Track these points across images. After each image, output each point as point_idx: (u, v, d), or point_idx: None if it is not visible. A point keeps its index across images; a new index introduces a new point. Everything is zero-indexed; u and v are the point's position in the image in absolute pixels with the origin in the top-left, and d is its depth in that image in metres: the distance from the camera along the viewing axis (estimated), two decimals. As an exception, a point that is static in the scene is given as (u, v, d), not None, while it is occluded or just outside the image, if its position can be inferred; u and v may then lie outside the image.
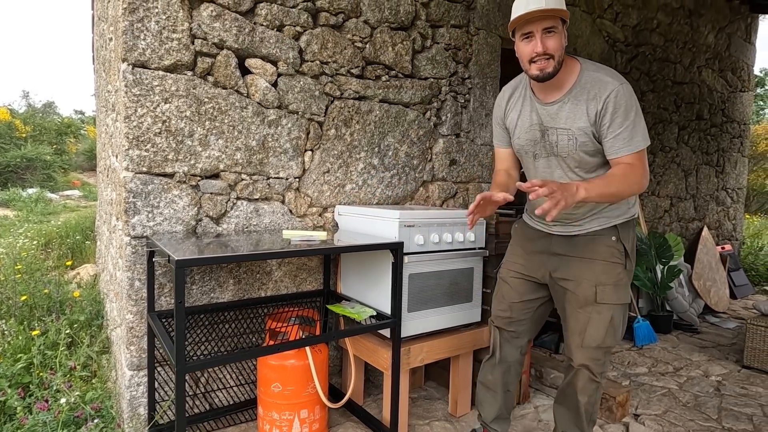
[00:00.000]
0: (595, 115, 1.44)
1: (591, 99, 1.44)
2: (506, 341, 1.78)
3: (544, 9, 1.36)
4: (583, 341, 1.57)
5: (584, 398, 1.61)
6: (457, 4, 2.62)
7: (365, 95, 2.31)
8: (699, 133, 4.65)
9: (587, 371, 1.59)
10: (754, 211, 9.78)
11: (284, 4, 2.03)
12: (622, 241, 1.58)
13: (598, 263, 1.57)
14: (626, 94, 1.42)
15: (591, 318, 1.56)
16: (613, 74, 1.47)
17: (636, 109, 1.44)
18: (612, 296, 1.55)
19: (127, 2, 1.68)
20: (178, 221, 1.84)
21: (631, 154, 1.42)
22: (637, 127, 1.43)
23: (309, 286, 2.20)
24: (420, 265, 1.88)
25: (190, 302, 1.88)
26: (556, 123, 1.51)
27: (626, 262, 1.59)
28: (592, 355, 1.57)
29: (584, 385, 1.60)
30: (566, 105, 1.48)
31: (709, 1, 4.53)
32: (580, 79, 1.46)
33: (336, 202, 2.26)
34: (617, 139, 1.42)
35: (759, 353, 2.81)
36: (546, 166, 1.60)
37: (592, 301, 1.56)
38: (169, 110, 1.79)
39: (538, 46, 1.39)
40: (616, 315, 1.57)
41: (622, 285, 1.58)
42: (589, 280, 1.57)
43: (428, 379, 2.52)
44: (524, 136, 1.60)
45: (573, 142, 1.49)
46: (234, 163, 1.95)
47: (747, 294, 4.92)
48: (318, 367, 1.82)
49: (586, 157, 1.50)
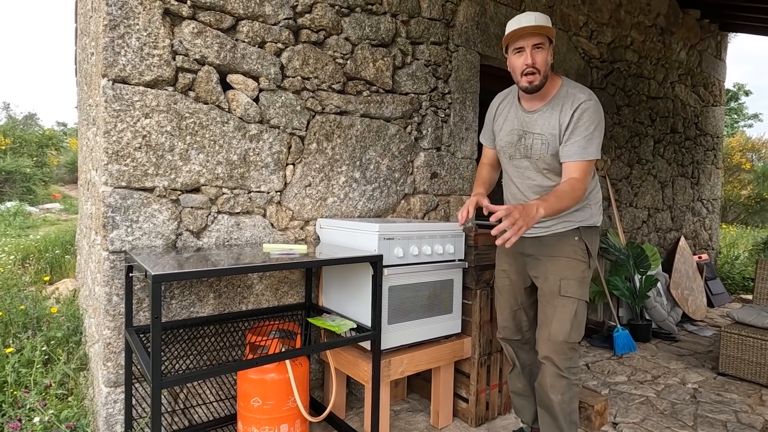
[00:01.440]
0: (563, 123, 1.64)
1: (563, 110, 1.65)
2: (519, 349, 1.94)
3: (534, 26, 1.59)
4: (549, 334, 1.71)
5: (556, 396, 1.70)
6: (437, 22, 2.69)
7: (346, 110, 2.35)
8: (674, 146, 4.79)
9: (552, 365, 1.70)
10: (731, 221, 10.06)
11: (266, 21, 2.07)
12: (584, 241, 1.75)
13: (563, 260, 1.73)
14: (592, 110, 1.62)
15: (556, 310, 1.71)
16: (586, 91, 1.67)
17: (598, 124, 1.62)
18: (576, 291, 1.71)
19: (108, 19, 1.70)
20: (158, 235, 1.84)
21: (580, 161, 1.60)
22: (593, 140, 1.61)
23: (290, 300, 2.21)
24: (400, 277, 1.90)
25: (169, 317, 1.87)
26: (533, 129, 1.72)
27: (589, 260, 1.76)
28: (556, 348, 1.69)
29: (552, 381, 1.70)
30: (545, 114, 1.69)
31: (681, 20, 4.71)
32: (559, 93, 1.68)
33: (318, 215, 2.28)
34: (573, 145, 1.61)
35: (733, 360, 2.88)
36: (519, 167, 1.79)
37: (556, 294, 1.72)
38: (150, 125, 1.80)
39: (528, 58, 1.61)
40: (580, 310, 1.71)
41: (585, 282, 1.74)
42: (554, 274, 1.73)
43: (411, 391, 2.53)
44: (505, 138, 1.81)
45: (545, 146, 1.69)
46: (215, 177, 1.96)
47: (724, 302, 5.04)
48: (298, 380, 1.82)
49: (555, 161, 1.69)
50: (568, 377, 1.70)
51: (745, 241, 7.57)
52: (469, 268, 2.14)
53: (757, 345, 2.78)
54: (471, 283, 2.14)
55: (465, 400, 2.21)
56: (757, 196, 10.13)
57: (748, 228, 9.32)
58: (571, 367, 1.71)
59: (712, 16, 5.01)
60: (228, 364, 1.51)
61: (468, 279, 2.15)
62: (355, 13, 2.36)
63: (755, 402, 2.56)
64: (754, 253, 6.70)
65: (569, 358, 1.69)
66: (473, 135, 2.92)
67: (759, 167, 10.84)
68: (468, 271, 2.15)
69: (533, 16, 1.62)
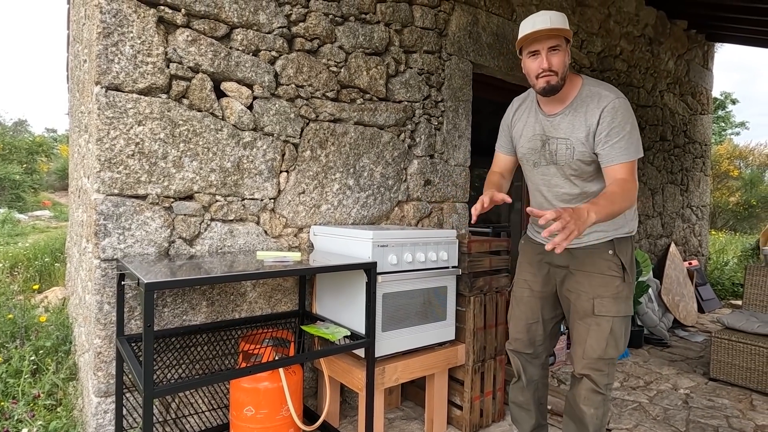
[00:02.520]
0: (592, 125, 1.53)
1: (589, 111, 1.54)
2: (527, 362, 1.84)
3: (550, 29, 1.47)
4: (584, 352, 1.63)
5: (589, 409, 1.64)
6: (430, 31, 2.72)
7: (340, 118, 2.36)
8: (663, 154, 4.86)
9: (589, 381, 1.63)
10: (720, 227, 10.19)
11: (260, 29, 2.08)
12: (619, 255, 1.64)
13: (596, 276, 1.63)
14: (622, 107, 1.51)
15: (590, 329, 1.63)
16: (611, 89, 1.56)
17: (632, 122, 1.52)
18: (611, 308, 1.61)
19: (101, 26, 1.70)
20: (150, 243, 1.82)
21: (625, 163, 1.49)
22: (632, 139, 1.50)
23: (284, 307, 2.20)
24: (394, 284, 1.90)
25: (162, 325, 1.86)
26: (557, 133, 1.61)
27: (624, 275, 1.63)
28: (593, 365, 1.62)
29: (587, 394, 1.64)
30: (567, 117, 1.59)
31: (668, 30, 4.80)
32: (581, 93, 1.57)
33: (311, 222, 2.28)
34: (613, 148, 1.50)
35: (724, 365, 2.91)
36: (545, 174, 1.69)
37: (590, 313, 1.63)
38: (143, 132, 1.79)
39: (544, 62, 1.51)
40: (617, 327, 1.61)
41: (622, 297, 1.62)
42: (587, 292, 1.63)
43: (405, 399, 2.52)
44: (527, 144, 1.71)
45: (571, 151, 1.59)
46: (208, 184, 1.96)
47: (714, 308, 5.09)
48: (292, 389, 1.81)
49: (583, 166, 1.59)
50: (605, 393, 1.64)
51: (734, 247, 7.66)
52: (463, 274, 2.14)
53: (747, 350, 2.81)
54: (465, 290, 2.15)
55: (459, 407, 2.20)
56: (745, 202, 10.28)
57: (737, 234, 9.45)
58: (608, 384, 1.64)
59: (699, 27, 5.11)
60: (220, 372, 1.50)
61: (462, 286, 2.16)
62: (349, 22, 2.38)
63: (746, 407, 2.58)
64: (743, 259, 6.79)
65: (607, 374, 1.62)
66: (466, 142, 2.94)
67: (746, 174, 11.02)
68: (461, 277, 2.15)
69: (548, 16, 1.49)
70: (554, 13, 1.51)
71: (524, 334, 1.82)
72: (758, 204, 10.19)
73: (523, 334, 1.82)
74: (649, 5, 4.50)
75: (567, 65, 1.54)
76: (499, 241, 2.29)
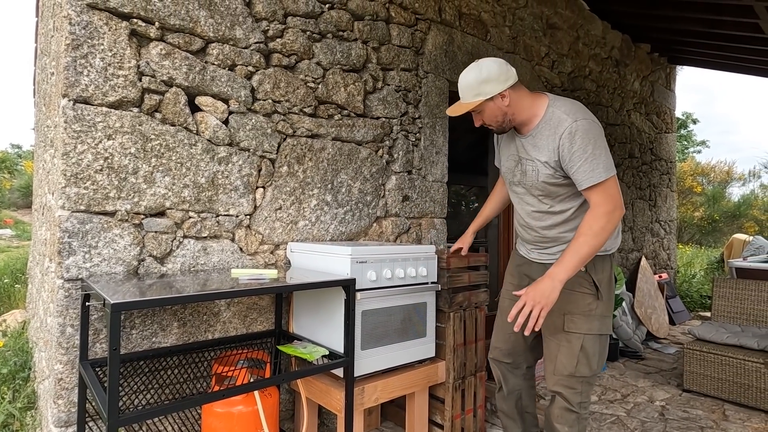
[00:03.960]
0: (553, 150, 1.53)
1: (550, 135, 1.55)
2: (508, 372, 1.86)
3: (457, 111, 1.62)
4: (555, 369, 1.63)
5: (563, 428, 1.62)
6: (406, 50, 2.76)
7: (318, 133, 2.35)
8: (632, 170, 5.03)
9: (561, 399, 1.62)
10: (686, 241, 10.57)
11: (236, 44, 2.06)
12: (591, 273, 1.61)
13: (566, 292, 1.59)
14: (581, 130, 1.48)
15: (561, 346, 1.62)
16: (571, 111, 1.53)
17: (595, 142, 1.48)
18: (581, 326, 1.59)
19: (70, 38, 1.65)
20: (119, 262, 1.75)
21: (595, 185, 1.47)
22: (598, 159, 1.46)
23: (260, 327, 2.13)
24: (373, 301, 1.87)
25: (129, 348, 1.77)
26: (526, 154, 1.65)
27: (597, 293, 1.61)
28: (564, 382, 1.61)
29: (560, 413, 1.62)
30: (534, 139, 1.61)
31: (633, 53, 5.03)
32: (545, 116, 1.58)
33: (288, 239, 2.23)
34: (579, 173, 1.49)
35: (697, 376, 2.97)
36: (518, 192, 1.73)
37: (560, 329, 1.63)
38: (113, 147, 1.73)
39: (476, 122, 1.66)
40: (588, 345, 1.59)
41: (596, 315, 1.60)
42: (559, 308, 1.62)
43: (385, 419, 2.46)
44: (506, 163, 1.77)
45: (535, 172, 1.61)
46: (181, 200, 1.90)
47: (684, 320, 5.23)
48: (268, 412, 1.74)
49: (549, 187, 1.60)
50: (578, 412, 1.61)
51: (701, 261, 7.94)
52: (442, 290, 2.13)
53: (718, 361, 2.88)
54: (444, 306, 2.13)
55: (440, 426, 2.16)
56: (708, 217, 10.71)
57: (702, 248, 9.81)
58: (583, 402, 1.62)
59: (661, 50, 5.37)
60: (191, 397, 1.43)
61: (441, 302, 2.15)
62: (327, 39, 2.39)
63: (719, 417, 2.63)
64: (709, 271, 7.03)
65: (580, 392, 1.60)
66: (443, 159, 2.97)
67: (709, 190, 11.52)
68: (441, 293, 2.14)
69: (461, 90, 1.61)
70: (466, 81, 1.58)
71: (504, 343, 1.83)
72: (721, 219, 10.63)
73: (503, 344, 1.84)
74: (615, 29, 4.71)
75: (502, 113, 1.59)
76: (477, 257, 2.29)
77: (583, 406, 1.62)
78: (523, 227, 1.78)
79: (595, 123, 1.52)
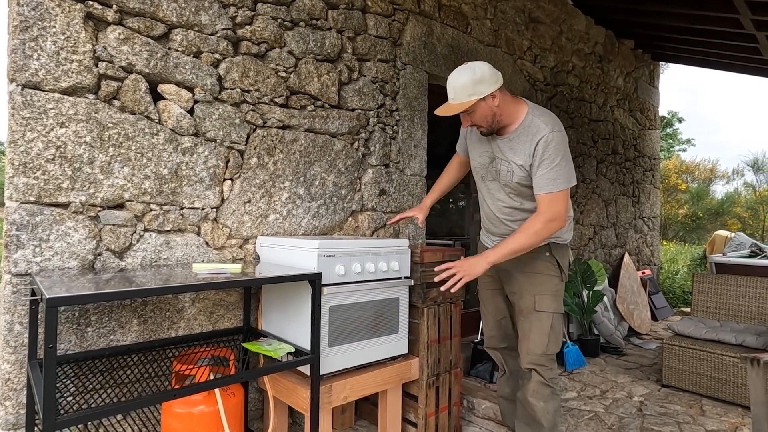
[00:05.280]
0: (528, 155, 1.67)
1: (527, 141, 1.68)
2: (507, 355, 2.02)
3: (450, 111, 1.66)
4: (529, 348, 1.78)
5: (538, 402, 1.75)
6: (384, 40, 2.70)
7: (290, 124, 2.28)
8: (615, 166, 5.03)
9: (537, 374, 1.76)
10: (671, 238, 10.67)
11: (202, 30, 1.98)
12: (555, 256, 1.82)
13: (536, 276, 1.80)
14: (555, 141, 1.63)
15: (533, 325, 1.78)
16: (549, 121, 1.68)
17: (563, 155, 1.64)
18: (550, 305, 1.78)
19: (18, 19, 1.56)
20: (72, 256, 1.66)
21: (549, 193, 1.64)
22: (561, 171, 1.63)
23: (227, 324, 2.06)
24: (342, 296, 1.81)
25: (85, 346, 1.69)
26: (502, 155, 1.76)
27: (561, 274, 1.83)
28: (538, 360, 1.77)
29: (535, 387, 1.76)
30: (511, 142, 1.73)
31: (617, 49, 5.02)
32: (524, 122, 1.70)
33: (258, 233, 2.16)
34: (541, 179, 1.65)
35: (675, 372, 2.96)
36: (490, 188, 1.85)
37: (532, 309, 1.79)
38: (66, 135, 1.65)
39: (464, 122, 1.73)
40: (555, 323, 1.78)
41: (559, 296, 1.81)
42: (529, 291, 1.81)
43: (360, 418, 2.40)
44: (477, 159, 1.87)
45: (510, 174, 1.74)
46: (141, 192, 1.82)
47: (666, 316, 5.25)
48: (231, 412, 1.67)
49: (520, 187, 1.74)
50: (552, 386, 1.77)
51: (684, 257, 8.01)
52: (416, 285, 2.08)
53: (696, 356, 2.87)
54: (418, 301, 2.08)
55: (414, 424, 2.11)
56: (692, 214, 10.83)
57: (686, 245, 9.91)
58: (553, 378, 1.78)
59: (645, 47, 5.38)
60: (142, 397, 1.36)
61: (414, 297, 2.09)
62: (299, 27, 2.31)
63: (696, 412, 2.62)
64: (692, 268, 7.09)
65: (550, 368, 1.77)
66: (422, 152, 2.91)
67: (693, 188, 11.64)
68: (414, 288, 2.09)
69: (452, 90, 1.65)
70: (459, 82, 1.63)
71: (496, 330, 1.99)
72: (704, 216, 10.76)
73: (496, 331, 1.99)
74: (599, 24, 4.69)
75: (492, 114, 1.68)
76: (453, 251, 2.24)
77: (554, 381, 1.78)
78: (492, 220, 1.89)
79: (565, 136, 1.68)
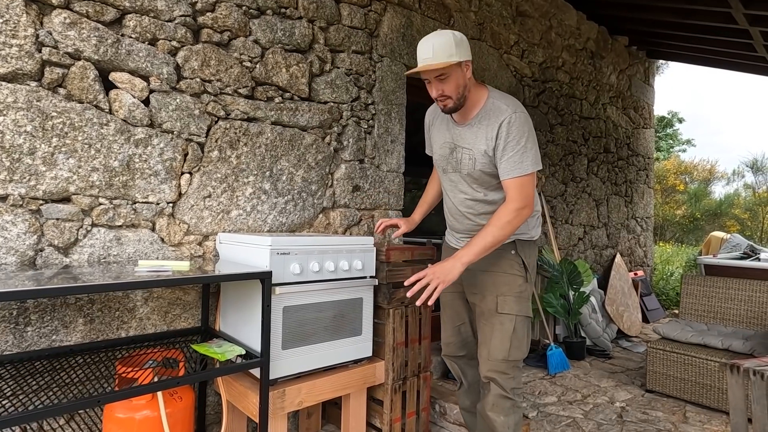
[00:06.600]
0: (492, 138, 1.56)
1: (490, 125, 1.57)
2: (465, 365, 1.85)
3: (429, 67, 1.48)
4: (489, 353, 1.63)
5: (498, 416, 1.61)
6: (359, 31, 2.60)
7: (255, 117, 2.19)
8: (607, 165, 4.93)
9: (496, 386, 1.62)
10: (668, 239, 10.55)
11: (158, 17, 1.89)
12: (521, 255, 1.68)
13: (499, 275, 1.66)
14: (519, 122, 1.53)
15: (494, 329, 1.64)
16: (511, 103, 1.58)
17: (528, 136, 1.54)
18: (513, 307, 1.63)
19: (-49, 1, 1.47)
20: (10, 251, 1.58)
21: (517, 177, 1.53)
22: (527, 153, 1.53)
23: (184, 324, 1.97)
24: (297, 296, 1.73)
25: (24, 347, 1.60)
26: (462, 143, 1.65)
27: (526, 274, 1.68)
28: (498, 368, 1.62)
29: (495, 400, 1.62)
30: (472, 128, 1.62)
31: (610, 45, 4.91)
32: (485, 106, 1.60)
33: (219, 229, 2.07)
34: (508, 162, 1.54)
35: (659, 376, 2.86)
36: (452, 180, 1.72)
37: (494, 311, 1.65)
38: (3, 124, 1.56)
39: (434, 91, 1.55)
40: (519, 326, 1.64)
41: (524, 297, 1.66)
42: (491, 291, 1.67)
43: (327, 422, 2.32)
44: (438, 151, 1.75)
45: (472, 161, 1.62)
46: (89, 185, 1.74)
47: (659, 318, 5.16)
48: (177, 417, 1.59)
49: (484, 176, 1.62)
50: (513, 398, 1.62)
51: (680, 258, 7.90)
52: (381, 285, 1.99)
53: (680, 360, 2.77)
54: (383, 302, 1.99)
55: (379, 430, 2.03)
56: (690, 215, 10.71)
57: (683, 246, 9.79)
58: (516, 388, 1.64)
59: (640, 44, 5.27)
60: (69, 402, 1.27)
61: (380, 297, 2.00)
62: (266, 16, 2.22)
63: (679, 419, 2.53)
64: (686, 269, 6.98)
65: (512, 377, 1.62)
66: (400, 148, 2.82)
67: (692, 189, 11.52)
68: (380, 288, 2.00)
69: (431, 47, 1.48)
70: (438, 41, 1.49)
71: (454, 337, 1.83)
72: (702, 217, 10.63)
73: (454, 337, 1.83)
74: (591, 20, 4.59)
75: (464, 84, 1.55)
76: (422, 250, 2.15)
77: (516, 393, 1.64)
78: (455, 216, 1.76)
79: (529, 117, 1.58)
